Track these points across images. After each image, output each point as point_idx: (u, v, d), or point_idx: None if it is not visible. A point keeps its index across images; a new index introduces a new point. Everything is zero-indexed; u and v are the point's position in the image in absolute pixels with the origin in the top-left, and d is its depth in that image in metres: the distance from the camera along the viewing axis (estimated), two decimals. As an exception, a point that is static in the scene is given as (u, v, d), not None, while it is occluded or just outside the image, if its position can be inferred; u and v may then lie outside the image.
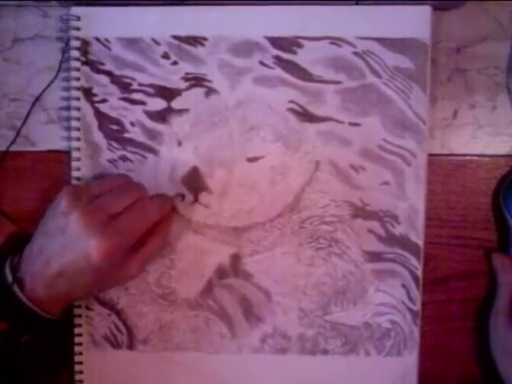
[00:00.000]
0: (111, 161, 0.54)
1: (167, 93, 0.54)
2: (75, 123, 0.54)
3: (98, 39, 0.53)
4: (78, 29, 0.53)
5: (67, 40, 0.54)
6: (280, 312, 0.55)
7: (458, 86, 0.54)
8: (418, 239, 0.54)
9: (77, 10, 0.53)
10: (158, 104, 0.54)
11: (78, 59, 0.54)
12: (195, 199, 0.54)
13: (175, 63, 0.54)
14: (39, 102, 0.55)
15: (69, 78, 0.54)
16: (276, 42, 0.53)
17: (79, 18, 0.53)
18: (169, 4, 0.53)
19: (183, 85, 0.54)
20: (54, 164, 0.56)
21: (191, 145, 0.54)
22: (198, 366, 0.55)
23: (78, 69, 0.54)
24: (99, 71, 0.54)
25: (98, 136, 0.54)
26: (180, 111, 0.54)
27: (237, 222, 0.54)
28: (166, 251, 0.54)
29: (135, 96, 0.54)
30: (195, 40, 0.53)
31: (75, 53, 0.54)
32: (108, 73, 0.54)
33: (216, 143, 0.54)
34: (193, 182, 0.54)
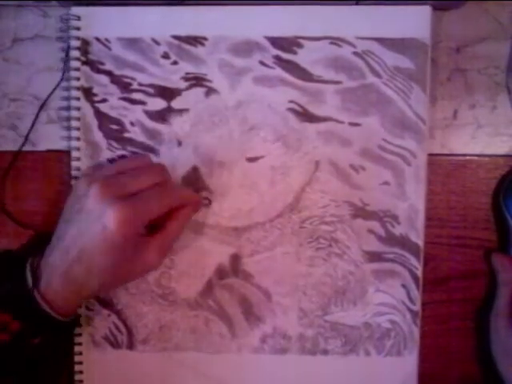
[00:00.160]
0: (111, 160, 0.54)
1: (167, 93, 0.54)
2: (75, 123, 0.54)
3: (98, 39, 0.53)
4: (79, 29, 0.53)
5: (68, 40, 0.54)
6: (280, 312, 0.55)
7: (458, 86, 0.54)
8: (418, 239, 0.54)
9: (77, 10, 0.53)
10: (158, 104, 0.54)
11: (78, 59, 0.54)
12: (195, 199, 0.54)
13: (175, 63, 0.54)
14: (39, 102, 0.55)
15: (69, 78, 0.54)
16: (276, 42, 0.53)
17: (79, 18, 0.53)
18: (169, 4, 0.53)
19: (183, 85, 0.54)
20: (54, 164, 0.56)
21: (191, 145, 0.54)
22: (198, 366, 0.55)
23: (78, 69, 0.54)
24: (99, 71, 0.54)
25: (98, 136, 0.54)
26: (180, 111, 0.54)
27: (237, 222, 0.54)
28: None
29: (135, 96, 0.54)
30: (195, 40, 0.53)
31: (75, 53, 0.54)
32: (108, 73, 0.54)
33: (216, 143, 0.54)
34: (193, 182, 0.54)
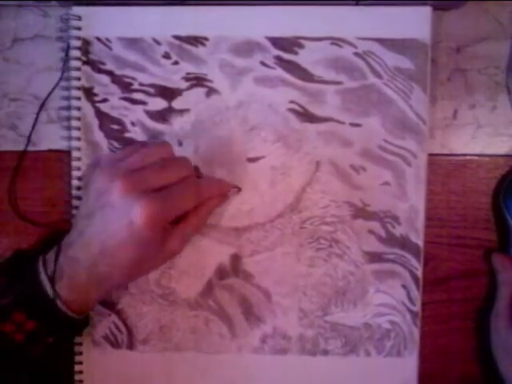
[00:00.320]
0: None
1: (168, 93, 0.54)
2: (76, 123, 0.54)
3: (99, 39, 0.53)
4: (79, 28, 0.53)
5: (68, 40, 0.54)
6: (280, 312, 0.55)
7: (458, 86, 0.54)
8: (419, 240, 0.54)
9: (78, 10, 0.53)
10: (159, 104, 0.54)
11: (79, 59, 0.53)
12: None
13: (176, 63, 0.54)
14: (39, 102, 0.55)
15: (69, 78, 0.54)
16: (277, 43, 0.53)
17: (80, 18, 0.53)
18: (170, 4, 0.53)
19: (184, 85, 0.54)
20: (55, 163, 0.55)
21: (192, 145, 0.54)
22: (198, 366, 0.55)
23: (79, 68, 0.54)
24: (100, 71, 0.54)
25: (99, 136, 0.54)
26: (181, 111, 0.54)
27: (237, 222, 0.54)
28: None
29: (136, 96, 0.54)
30: (196, 40, 0.53)
31: (76, 52, 0.53)
32: (109, 72, 0.54)
33: (217, 143, 0.54)
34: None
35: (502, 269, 0.53)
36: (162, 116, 0.54)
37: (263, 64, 0.53)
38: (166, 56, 0.54)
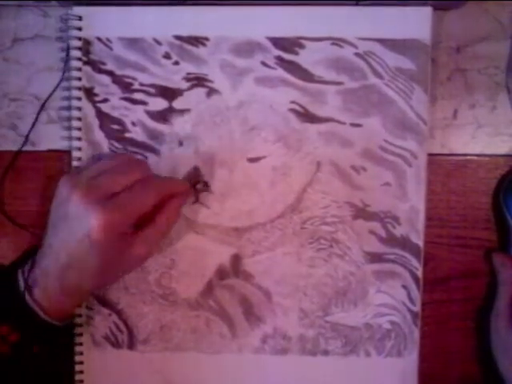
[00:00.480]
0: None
1: (169, 93, 0.54)
2: (76, 123, 0.54)
3: (100, 39, 0.53)
4: (80, 29, 0.53)
5: (68, 40, 0.54)
6: (280, 312, 0.55)
7: (458, 86, 0.54)
8: (419, 240, 0.54)
9: (78, 10, 0.53)
10: (160, 104, 0.54)
11: (80, 59, 0.53)
12: (196, 199, 0.54)
13: (177, 63, 0.54)
14: (39, 102, 0.55)
15: (70, 78, 0.54)
16: (278, 43, 0.53)
17: (81, 18, 0.53)
18: (170, 4, 0.53)
19: (185, 85, 0.54)
20: (55, 164, 0.55)
21: (192, 145, 0.54)
22: (198, 366, 0.55)
23: (80, 68, 0.54)
24: (101, 71, 0.54)
25: (99, 136, 0.54)
26: (181, 111, 0.54)
27: (237, 223, 0.54)
28: (167, 251, 0.54)
29: (136, 96, 0.54)
30: (197, 40, 0.53)
31: (77, 52, 0.53)
32: (109, 73, 0.54)
33: (217, 143, 0.54)
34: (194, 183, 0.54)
35: (503, 268, 0.53)
36: (163, 116, 0.54)
37: (264, 64, 0.53)
38: (167, 56, 0.54)
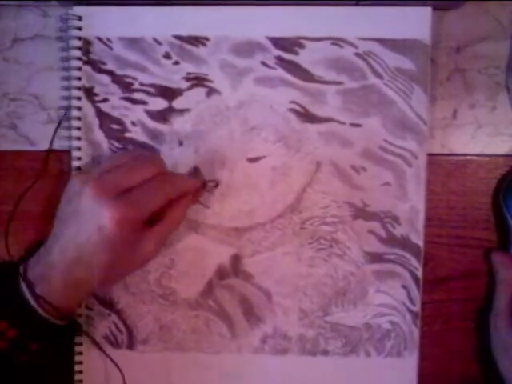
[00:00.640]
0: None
1: (168, 92, 0.54)
2: (76, 123, 0.54)
3: (100, 39, 0.53)
4: (80, 28, 0.53)
5: (68, 39, 0.54)
6: (280, 312, 0.55)
7: (458, 86, 0.54)
8: (419, 240, 0.54)
9: (78, 10, 0.53)
10: (160, 104, 0.54)
11: (80, 59, 0.53)
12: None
13: (177, 63, 0.54)
14: (39, 102, 0.55)
15: (70, 78, 0.54)
16: (278, 43, 0.53)
17: (81, 18, 0.53)
18: (170, 4, 0.53)
19: (184, 85, 0.54)
20: (55, 163, 0.55)
21: (192, 145, 0.54)
22: (198, 366, 0.55)
23: (80, 68, 0.54)
24: (101, 71, 0.54)
25: (99, 135, 0.54)
26: (181, 111, 0.54)
27: (237, 223, 0.54)
28: (167, 251, 0.54)
29: (136, 96, 0.54)
30: (197, 40, 0.53)
31: (77, 52, 0.53)
32: (109, 72, 0.54)
33: (217, 143, 0.54)
34: (194, 182, 0.54)
35: (502, 267, 0.53)
36: (163, 116, 0.54)
37: (264, 64, 0.53)
38: (167, 56, 0.54)
